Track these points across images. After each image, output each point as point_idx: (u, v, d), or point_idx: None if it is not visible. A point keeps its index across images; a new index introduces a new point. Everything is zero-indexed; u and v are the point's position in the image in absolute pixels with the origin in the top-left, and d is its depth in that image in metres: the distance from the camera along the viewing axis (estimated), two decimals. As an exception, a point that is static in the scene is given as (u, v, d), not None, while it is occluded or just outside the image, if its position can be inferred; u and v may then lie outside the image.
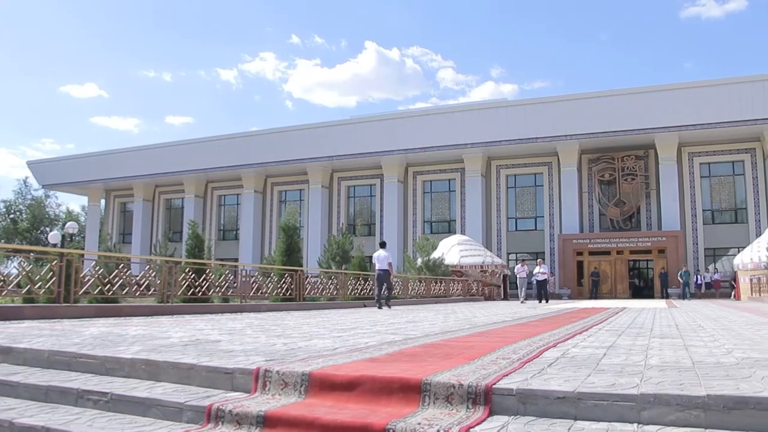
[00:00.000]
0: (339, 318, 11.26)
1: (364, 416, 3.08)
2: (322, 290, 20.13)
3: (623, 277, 40.93)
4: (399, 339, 6.28)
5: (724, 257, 39.59)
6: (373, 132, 44.71)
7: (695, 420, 2.92)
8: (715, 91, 37.48)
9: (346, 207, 48.95)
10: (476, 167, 43.81)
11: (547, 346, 5.30)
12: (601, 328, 7.99)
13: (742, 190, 40.22)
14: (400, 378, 3.43)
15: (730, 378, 3.49)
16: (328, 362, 4.11)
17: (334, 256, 25.94)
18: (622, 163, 41.35)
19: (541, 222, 43.80)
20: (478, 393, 3.19)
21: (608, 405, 3.04)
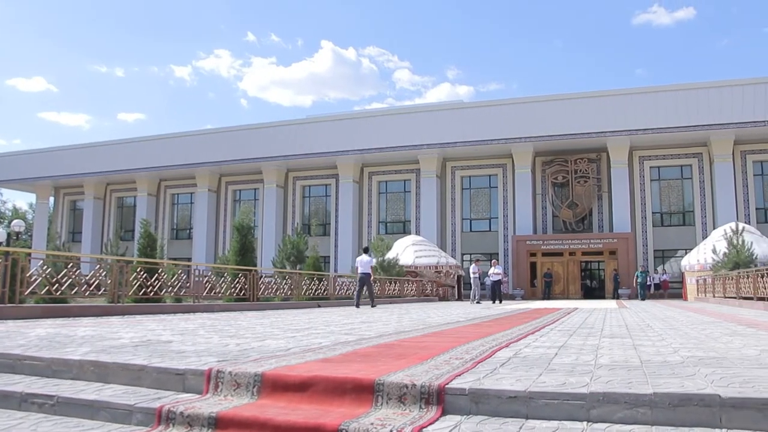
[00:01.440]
0: (293, 318, 11.21)
1: (317, 417, 3.07)
2: (276, 290, 20.01)
3: (575, 278, 41.59)
4: (353, 339, 6.28)
5: (672, 259, 40.57)
6: (329, 132, 44.62)
7: (642, 417, 2.98)
8: (664, 96, 38.41)
9: (301, 207, 48.72)
10: (431, 168, 44.04)
11: (499, 346, 5.35)
12: (553, 329, 8.10)
13: (690, 194, 41.27)
14: (353, 378, 3.42)
15: (675, 376, 3.58)
16: (282, 363, 4.08)
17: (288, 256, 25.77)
18: (575, 166, 42.03)
19: (495, 223, 44.22)
20: (431, 393, 3.21)
21: (559, 404, 3.08)
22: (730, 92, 37.47)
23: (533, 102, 41.59)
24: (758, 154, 39.99)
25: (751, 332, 7.45)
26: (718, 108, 37.31)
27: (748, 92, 37.12)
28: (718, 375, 3.64)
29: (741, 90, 37.32)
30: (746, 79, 38.16)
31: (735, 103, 37.14)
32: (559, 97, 41.18)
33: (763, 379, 3.49)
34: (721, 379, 3.48)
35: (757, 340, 6.24)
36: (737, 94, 37.25)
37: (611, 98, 39.59)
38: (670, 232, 41.16)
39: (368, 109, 61.85)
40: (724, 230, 29.83)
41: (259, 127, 47.50)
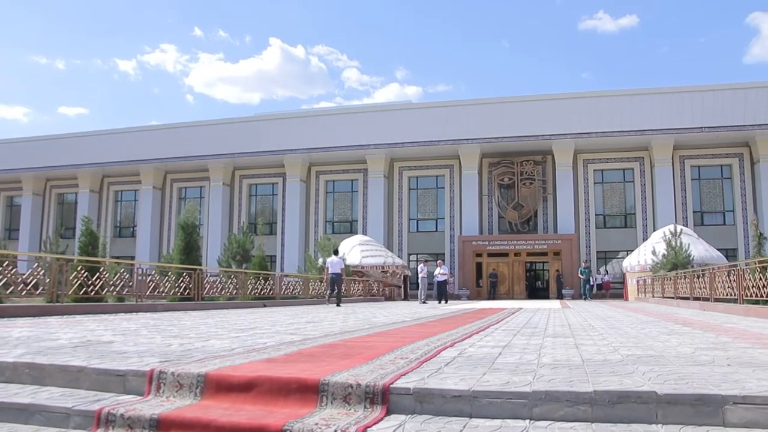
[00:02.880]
0: (238, 318, 11.10)
1: (261, 417, 3.05)
2: (221, 290, 19.75)
3: (520, 278, 42.16)
4: (298, 339, 6.25)
5: (614, 260, 41.51)
6: (276, 130, 44.33)
7: (583, 415, 3.05)
8: (608, 101, 39.34)
9: (247, 205, 48.25)
10: (379, 168, 44.12)
11: (444, 346, 5.39)
12: (498, 328, 8.19)
13: (632, 197, 42.31)
14: (297, 378, 3.41)
15: (615, 374, 3.66)
16: (225, 363, 4.03)
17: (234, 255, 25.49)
18: (521, 168, 42.62)
19: (441, 223, 44.54)
20: (376, 393, 3.21)
21: (502, 402, 3.12)
22: (669, 99, 38.59)
23: (480, 104, 42.09)
24: (696, 159, 41.28)
25: (687, 331, 7.68)
26: (659, 114, 38.39)
27: (687, 99, 38.27)
28: (655, 373, 3.74)
29: (680, 97, 38.46)
30: (685, 87, 39.38)
31: (674, 109, 38.25)
32: (506, 100, 41.73)
33: (696, 376, 3.60)
34: (658, 376, 3.58)
35: (692, 339, 6.43)
36: (676, 101, 38.38)
37: (557, 102, 40.35)
38: (613, 234, 42.12)
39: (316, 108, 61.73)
40: (664, 232, 30.62)
41: (206, 124, 46.87)
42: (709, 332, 7.50)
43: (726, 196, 41.30)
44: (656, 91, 39.42)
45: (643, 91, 39.80)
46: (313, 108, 69.32)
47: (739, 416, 2.95)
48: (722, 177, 41.51)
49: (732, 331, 7.83)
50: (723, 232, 40.08)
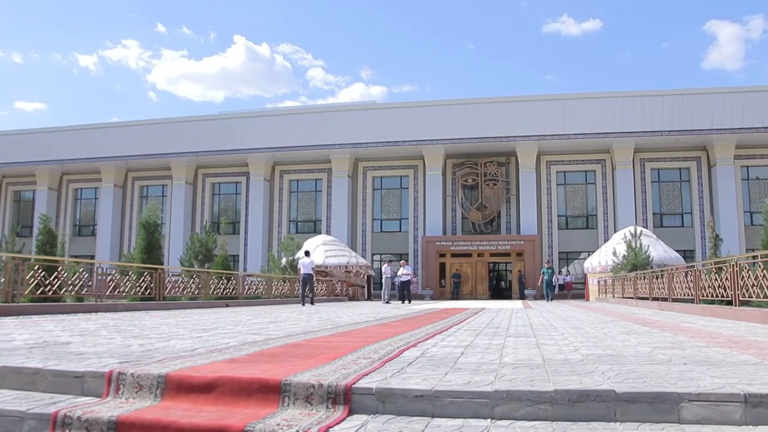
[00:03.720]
0: (200, 318, 11.00)
1: (222, 418, 3.02)
2: (183, 289, 19.56)
3: (483, 279, 42.48)
4: (260, 339, 6.21)
5: (576, 260, 42.06)
6: (240, 129, 43.97)
7: (543, 414, 3.08)
8: (571, 104, 39.86)
9: (210, 204, 47.80)
10: (343, 168, 44.07)
11: (407, 346, 5.40)
12: (461, 328, 8.24)
13: (593, 198, 42.91)
14: (259, 379, 3.38)
15: (575, 373, 3.71)
16: (187, 363, 3.99)
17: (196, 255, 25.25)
18: (485, 169, 42.93)
19: (405, 224, 44.65)
20: (338, 393, 3.21)
21: (464, 402, 3.14)
22: (631, 102, 39.25)
23: (445, 105, 42.33)
24: (656, 162, 42.04)
25: (646, 330, 7.82)
26: (621, 117, 39.03)
27: (647, 103, 38.97)
28: (614, 372, 3.80)
29: (641, 101, 39.15)
30: (646, 91, 40.10)
31: (635, 112, 38.92)
32: (470, 101, 42.02)
33: (654, 374, 3.67)
34: (616, 375, 3.64)
35: (650, 338, 6.54)
36: (637, 105, 39.05)
37: (521, 104, 40.75)
38: (574, 235, 42.67)
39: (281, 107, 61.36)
40: (624, 234, 31.11)
41: (169, 121, 46.30)
42: (667, 332, 7.64)
43: (684, 198, 42.15)
44: (618, 95, 40.08)
45: (605, 94, 40.46)
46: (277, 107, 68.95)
47: (694, 413, 3.02)
48: (681, 180, 42.35)
49: (689, 330, 7.99)
50: (681, 233, 40.91)
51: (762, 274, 10.62)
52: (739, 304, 11.60)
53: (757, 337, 6.92)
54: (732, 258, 12.86)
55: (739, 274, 11.73)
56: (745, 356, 4.77)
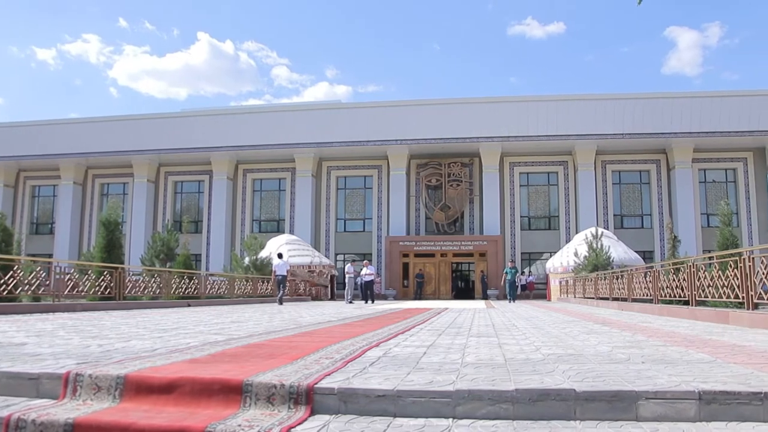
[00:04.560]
0: (161, 318, 10.87)
1: (183, 419, 2.99)
2: (144, 289, 19.30)
3: (446, 279, 42.68)
4: (222, 339, 6.16)
5: (538, 261, 42.51)
6: (203, 127, 43.49)
7: (504, 413, 3.11)
8: (534, 106, 40.26)
9: (172, 203, 47.24)
10: (307, 167, 43.92)
11: (369, 346, 5.41)
12: (423, 328, 8.27)
13: (556, 199, 43.43)
14: (220, 379, 3.36)
15: (536, 373, 3.75)
16: (147, 364, 3.94)
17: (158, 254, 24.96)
18: (449, 170, 43.15)
19: (369, 224, 44.67)
20: (300, 393, 3.19)
21: (426, 402, 3.15)
22: (593, 105, 39.81)
23: (410, 105, 42.44)
24: (617, 164, 42.71)
25: (606, 330, 7.93)
26: (583, 119, 39.57)
27: (609, 106, 39.56)
28: (574, 371, 3.85)
29: (603, 104, 39.73)
30: (607, 94, 40.74)
31: (597, 115, 39.48)
32: (434, 102, 42.22)
33: (613, 373, 3.73)
34: (576, 374, 3.69)
35: (610, 338, 6.64)
36: (599, 108, 39.62)
37: (485, 105, 41.03)
38: (537, 236, 43.12)
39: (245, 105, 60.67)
40: (586, 235, 31.54)
41: (130, 118, 45.59)
42: (626, 331, 7.76)
43: (644, 200, 42.89)
44: (580, 98, 40.64)
45: (568, 97, 41.00)
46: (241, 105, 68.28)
47: (651, 411, 3.08)
48: (641, 182, 43.09)
49: (647, 329, 8.13)
50: (641, 234, 41.62)
51: (717, 274, 10.85)
52: (695, 304, 11.84)
53: (712, 336, 7.07)
54: (689, 259, 13.13)
55: (696, 275, 11.97)
56: (700, 355, 4.88)
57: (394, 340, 6.17)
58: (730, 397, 3.11)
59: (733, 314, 9.58)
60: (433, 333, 7.34)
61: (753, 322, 8.86)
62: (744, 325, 9.01)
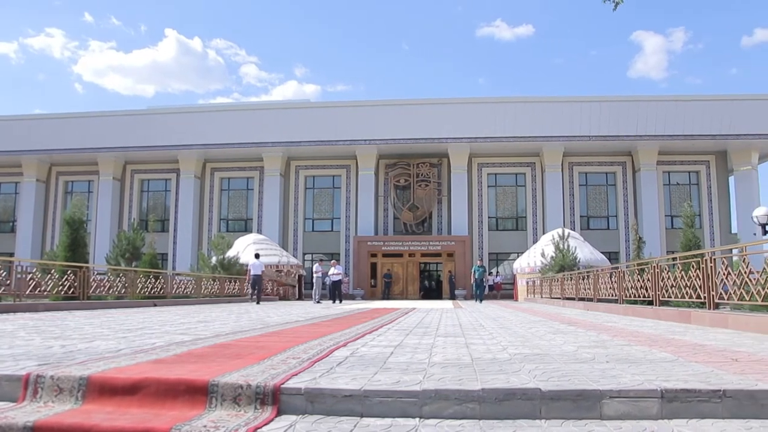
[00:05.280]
0: (126, 318, 10.74)
1: (147, 421, 2.96)
2: (109, 288, 19.04)
3: (414, 279, 42.78)
4: (188, 339, 6.11)
5: (506, 261, 42.81)
6: (171, 124, 42.98)
7: (471, 412, 3.13)
8: (503, 107, 40.53)
9: (139, 201, 46.64)
10: (275, 167, 43.71)
11: (337, 346, 5.40)
12: (391, 328, 8.28)
13: (523, 200, 43.79)
14: (186, 380, 3.33)
15: (502, 372, 3.78)
16: (110, 365, 3.89)
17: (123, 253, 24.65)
18: (417, 170, 43.28)
19: (337, 223, 44.60)
20: (266, 393, 3.18)
21: (393, 401, 3.16)
22: (560, 107, 40.21)
23: (379, 105, 42.46)
24: (583, 166, 43.22)
25: (572, 330, 8.02)
26: (551, 121, 39.93)
27: (576, 108, 39.99)
28: (540, 370, 3.88)
29: (570, 106, 40.14)
30: (575, 97, 41.17)
31: (565, 117, 39.89)
32: (404, 102, 42.28)
33: (578, 372, 3.77)
34: (542, 374, 3.72)
35: (575, 338, 6.71)
36: (566, 110, 40.03)
37: (453, 106, 41.22)
38: (504, 236, 43.42)
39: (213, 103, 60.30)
40: (552, 235, 31.81)
41: (96, 115, 44.85)
42: (592, 331, 7.85)
43: (610, 201, 43.46)
44: (548, 100, 41.02)
45: (535, 99, 41.36)
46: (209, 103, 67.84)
47: (615, 409, 3.13)
48: (607, 183, 43.67)
49: (612, 329, 8.23)
50: (607, 235, 42.15)
51: (680, 275, 11.03)
52: (659, 304, 12.02)
53: (675, 335, 7.19)
54: (653, 260, 13.32)
55: (660, 275, 12.16)
56: (663, 354, 4.95)
57: (361, 340, 6.17)
58: (691, 395, 3.17)
59: (695, 314, 9.75)
60: (400, 333, 7.35)
61: (714, 322, 9.03)
62: (705, 325, 9.17)
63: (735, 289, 9.07)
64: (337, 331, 7.51)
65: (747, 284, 8.74)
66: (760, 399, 3.17)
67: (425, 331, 7.65)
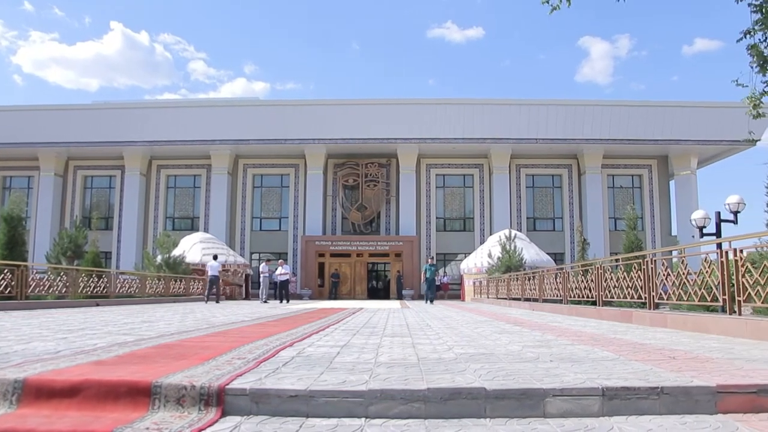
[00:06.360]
0: (67, 318, 10.48)
1: (87, 424, 2.89)
2: (49, 288, 18.52)
3: (362, 279, 42.81)
4: (132, 340, 5.99)
5: (453, 262, 43.15)
6: (116, 120, 42.03)
7: (417, 412, 3.14)
8: (451, 109, 40.85)
9: (82, 198, 45.52)
10: (223, 164, 43.21)
11: (283, 346, 5.37)
12: (338, 328, 8.27)
13: (471, 201, 44.21)
14: (128, 381, 3.26)
15: (448, 372, 3.80)
16: (49, 367, 3.79)
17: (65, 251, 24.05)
18: (366, 170, 43.31)
19: (285, 223, 44.34)
20: (211, 394, 3.14)
21: (338, 401, 3.15)
22: (508, 110, 40.70)
23: (328, 104, 42.32)
24: (530, 168, 43.89)
25: (517, 330, 8.12)
26: (498, 123, 40.37)
27: (524, 111, 40.54)
28: (485, 370, 3.92)
29: (518, 109, 40.66)
30: (523, 100, 41.70)
31: (512, 120, 40.38)
32: (353, 102, 42.23)
33: (523, 372, 3.82)
34: (487, 373, 3.76)
35: (521, 337, 6.81)
36: (514, 112, 40.54)
37: (403, 107, 41.33)
38: (452, 237, 43.77)
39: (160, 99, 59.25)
40: (499, 236, 32.20)
41: (37, 108, 43.46)
42: (537, 331, 7.97)
43: (556, 203, 44.23)
44: (497, 102, 41.46)
45: (484, 101, 41.76)
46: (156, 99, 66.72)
47: (557, 407, 3.18)
48: (553, 186, 44.42)
49: (556, 329, 8.37)
50: (552, 237, 42.88)
51: (623, 276, 11.29)
52: (602, 304, 12.28)
53: (617, 334, 7.35)
54: (597, 261, 13.60)
55: (603, 276, 12.41)
56: (605, 353, 5.06)
57: (308, 340, 6.15)
58: (630, 392, 3.25)
59: (636, 314, 9.99)
60: (347, 333, 7.35)
61: (654, 321, 9.27)
62: (646, 324, 9.40)
63: (674, 290, 9.33)
64: (283, 331, 7.46)
65: (685, 285, 9.00)
66: (694, 395, 3.27)
67: (372, 331, 7.66)
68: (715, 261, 8.17)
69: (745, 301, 7.46)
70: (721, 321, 7.56)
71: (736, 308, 7.52)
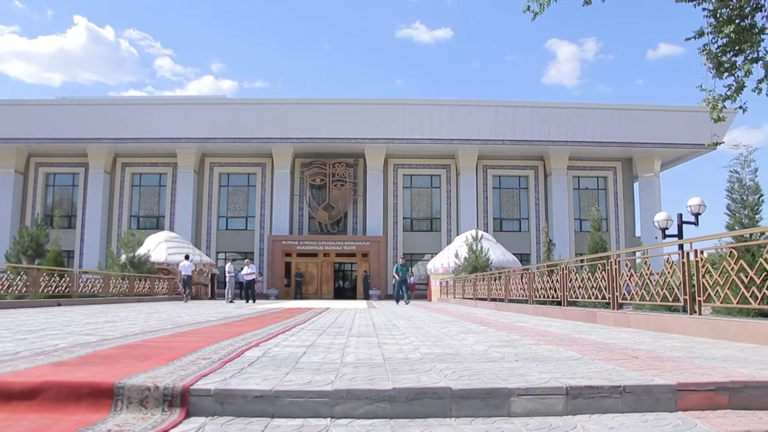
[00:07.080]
0: (27, 318, 10.30)
1: (46, 426, 2.84)
2: (8, 287, 18.19)
3: (329, 279, 42.71)
4: (94, 340, 5.91)
5: (420, 262, 43.28)
6: (79, 116, 41.27)
7: (382, 411, 3.15)
8: (419, 109, 40.94)
9: (43, 196, 44.69)
10: (189, 163, 42.78)
11: (249, 346, 5.33)
12: (304, 328, 8.24)
13: (438, 202, 44.38)
14: (90, 382, 3.21)
15: (414, 372, 3.81)
16: (7, 368, 3.71)
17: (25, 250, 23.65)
18: (333, 170, 43.22)
19: (252, 222, 44.06)
20: (175, 395, 3.11)
21: (304, 402, 3.14)
22: (476, 111, 40.91)
23: (295, 104, 42.09)
24: (497, 170, 44.22)
25: (483, 330, 8.18)
26: (466, 124, 40.59)
27: (491, 112, 40.80)
28: (451, 369, 3.94)
29: (485, 110, 40.91)
30: (490, 101, 41.93)
31: (480, 121, 40.62)
32: (321, 101, 42.10)
33: (488, 371, 3.84)
34: (453, 373, 3.78)
35: (487, 337, 6.85)
36: (482, 113, 40.78)
37: (370, 107, 41.31)
38: (419, 237, 43.90)
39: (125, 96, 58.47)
40: (466, 237, 32.36)
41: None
42: (502, 331, 8.03)
43: (522, 204, 44.62)
44: (464, 103, 41.68)
45: (451, 102, 41.96)
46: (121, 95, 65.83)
47: (522, 406, 3.21)
48: (520, 187, 44.81)
49: (522, 329, 8.44)
50: (519, 237, 43.24)
51: (587, 276, 11.43)
52: (567, 305, 12.41)
53: (581, 334, 7.44)
54: (562, 261, 13.74)
55: (568, 277, 12.55)
56: (569, 352, 5.11)
57: (274, 340, 6.12)
58: (593, 391, 3.29)
59: (600, 314, 10.12)
60: (313, 333, 7.33)
61: (617, 321, 9.40)
62: (610, 324, 9.53)
63: (637, 290, 9.47)
64: (249, 331, 7.42)
65: (648, 285, 9.14)
66: (656, 393, 3.33)
67: (338, 331, 7.66)
68: (677, 262, 8.31)
69: (705, 301, 7.60)
70: (682, 321, 7.69)
71: (697, 308, 7.66)
